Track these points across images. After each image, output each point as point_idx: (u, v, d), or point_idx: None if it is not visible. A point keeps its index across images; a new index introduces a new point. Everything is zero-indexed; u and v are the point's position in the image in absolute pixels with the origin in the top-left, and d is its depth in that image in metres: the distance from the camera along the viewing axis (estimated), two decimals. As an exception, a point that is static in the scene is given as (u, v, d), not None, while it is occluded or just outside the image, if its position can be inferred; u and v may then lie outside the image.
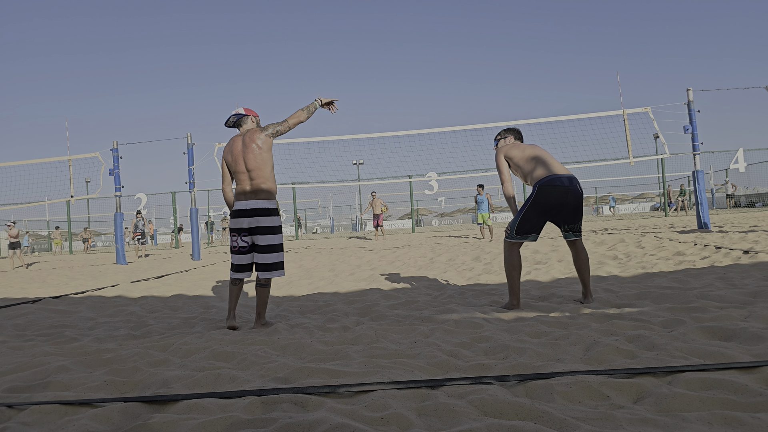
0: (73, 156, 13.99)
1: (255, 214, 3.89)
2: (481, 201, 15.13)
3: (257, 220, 3.89)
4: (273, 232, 3.94)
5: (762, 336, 2.64)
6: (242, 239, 3.96)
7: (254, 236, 3.93)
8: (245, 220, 3.91)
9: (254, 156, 3.93)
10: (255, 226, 3.90)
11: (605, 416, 1.82)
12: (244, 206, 3.91)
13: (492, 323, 3.57)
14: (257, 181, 3.93)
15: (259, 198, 3.91)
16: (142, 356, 3.09)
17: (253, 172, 3.94)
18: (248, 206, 3.90)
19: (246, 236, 3.95)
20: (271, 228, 3.93)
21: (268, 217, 3.92)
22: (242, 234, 3.95)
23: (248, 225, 3.91)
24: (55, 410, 2.16)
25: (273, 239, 3.93)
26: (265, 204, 3.92)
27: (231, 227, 3.99)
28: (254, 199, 3.91)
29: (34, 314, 5.32)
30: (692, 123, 12.06)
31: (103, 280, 8.97)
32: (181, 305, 5.54)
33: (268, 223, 3.92)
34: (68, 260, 19.21)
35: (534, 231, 4.04)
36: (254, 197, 3.92)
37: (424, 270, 7.54)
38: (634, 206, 47.28)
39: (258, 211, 3.89)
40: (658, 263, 6.38)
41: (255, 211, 3.89)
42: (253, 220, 3.89)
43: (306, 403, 2.09)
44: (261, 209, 3.90)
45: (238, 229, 3.95)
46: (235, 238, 3.97)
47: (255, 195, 3.92)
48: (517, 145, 4.27)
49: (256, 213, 3.89)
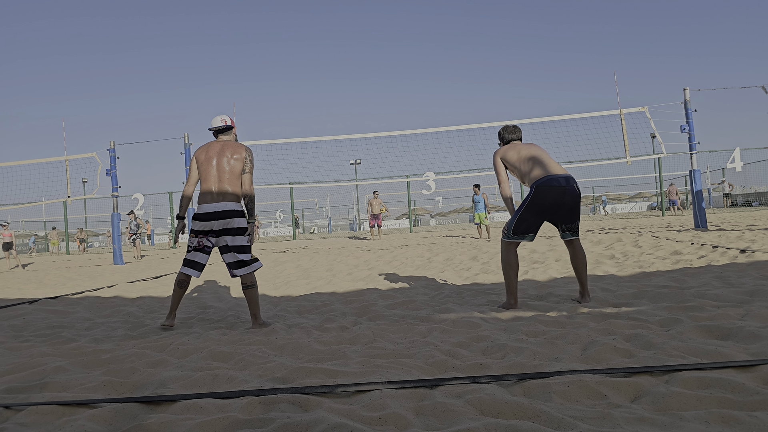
0: (70, 156, 13.96)
1: (226, 216, 3.91)
2: (478, 201, 15.15)
3: (228, 222, 3.92)
4: (243, 233, 3.98)
5: (759, 335, 2.65)
6: (208, 239, 3.99)
7: (225, 237, 3.95)
8: (215, 222, 3.92)
9: (230, 163, 4.01)
10: (226, 227, 3.93)
11: (603, 415, 1.82)
12: (213, 209, 3.91)
13: (489, 323, 3.57)
14: (225, 184, 3.98)
15: (227, 200, 3.95)
16: (140, 357, 3.08)
17: (223, 175, 3.99)
18: (217, 208, 3.91)
19: (213, 237, 3.98)
20: (242, 229, 3.97)
21: (239, 219, 3.95)
22: (209, 235, 3.98)
23: (219, 227, 3.93)
24: (52, 411, 2.16)
25: (243, 240, 3.98)
26: (235, 206, 3.95)
27: (198, 229, 3.97)
28: (223, 201, 3.94)
29: (31, 315, 5.31)
30: (689, 122, 12.09)
31: (101, 281, 8.96)
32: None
33: (240, 224, 3.96)
34: (65, 261, 19.17)
35: (531, 231, 4.05)
36: (223, 199, 3.95)
37: (421, 270, 7.54)
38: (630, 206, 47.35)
39: (228, 213, 3.92)
40: (656, 262, 6.39)
41: (225, 213, 3.91)
42: (224, 222, 3.92)
43: (304, 403, 2.09)
44: (231, 211, 3.92)
45: (207, 231, 3.96)
46: (202, 238, 3.99)
47: (223, 197, 3.95)
48: (514, 146, 4.28)
49: (226, 215, 3.91)
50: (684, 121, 12.16)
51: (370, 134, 13.53)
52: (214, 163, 4.02)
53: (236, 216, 3.94)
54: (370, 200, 18.18)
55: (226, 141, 4.14)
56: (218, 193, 3.96)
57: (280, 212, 38.61)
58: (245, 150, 4.06)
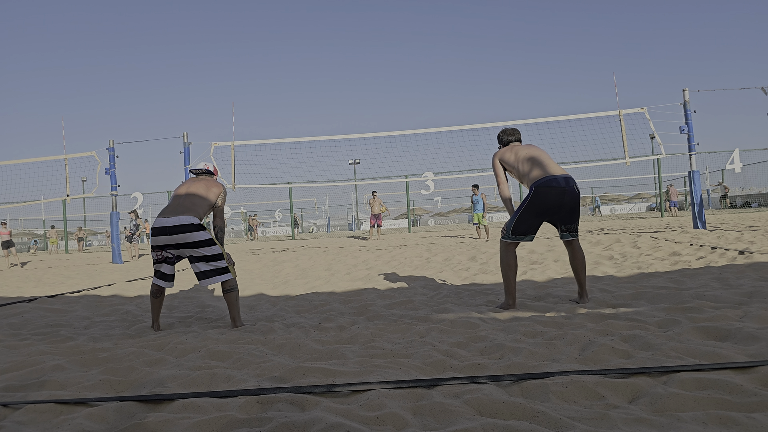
0: (69, 155, 13.96)
1: (177, 231, 3.85)
2: (476, 201, 15.15)
3: (183, 237, 3.85)
4: (203, 246, 3.90)
5: (757, 336, 2.65)
6: (167, 252, 3.98)
7: (183, 250, 3.93)
8: (163, 237, 3.88)
9: (201, 189, 4.14)
10: (182, 242, 3.87)
11: (600, 416, 1.83)
12: (164, 223, 3.88)
13: (488, 323, 3.57)
14: (188, 202, 4.01)
15: (181, 214, 3.91)
16: (138, 355, 3.08)
17: (190, 197, 4.06)
18: (168, 223, 3.86)
19: (172, 249, 3.96)
20: (200, 242, 3.89)
21: (195, 233, 3.87)
22: (167, 249, 3.96)
23: (172, 242, 3.88)
24: (50, 409, 2.16)
25: (207, 250, 3.91)
26: (189, 220, 3.88)
27: (153, 244, 3.96)
28: (176, 216, 3.90)
29: (29, 313, 5.31)
30: (688, 123, 12.10)
31: (99, 280, 8.95)
32: (176, 304, 5.53)
33: (197, 238, 3.87)
34: (64, 259, 19.16)
35: (530, 231, 4.05)
36: (176, 214, 3.92)
37: (420, 270, 7.54)
38: (630, 206, 47.35)
39: (181, 228, 3.85)
40: (654, 263, 6.39)
41: (177, 228, 3.85)
42: (176, 237, 3.85)
43: (302, 403, 2.09)
44: (185, 225, 3.86)
45: (163, 245, 3.94)
46: (159, 252, 3.98)
47: (178, 212, 3.93)
48: (512, 147, 4.30)
49: (178, 230, 3.85)
50: (683, 122, 12.17)
51: (369, 134, 13.53)
52: (185, 188, 4.16)
53: (191, 230, 3.86)
54: (370, 200, 18.21)
55: (206, 178, 4.33)
56: (175, 208, 3.96)
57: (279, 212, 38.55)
58: (222, 187, 4.28)
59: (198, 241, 3.87)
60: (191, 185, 4.19)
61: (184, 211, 3.93)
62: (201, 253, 3.90)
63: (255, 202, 32.48)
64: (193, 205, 4.01)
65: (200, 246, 3.88)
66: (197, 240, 3.87)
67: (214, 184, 4.25)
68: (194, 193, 4.11)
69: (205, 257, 3.91)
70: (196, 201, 4.05)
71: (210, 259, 3.92)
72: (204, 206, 4.07)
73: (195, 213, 3.95)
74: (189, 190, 4.13)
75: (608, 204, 50.00)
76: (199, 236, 3.88)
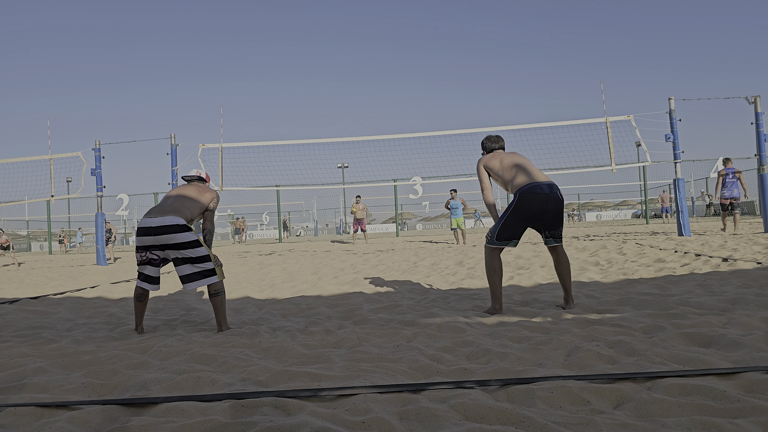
0: (54, 155, 13.80)
1: (163, 231, 3.80)
2: (455, 206, 15.17)
3: (168, 237, 3.80)
4: (189, 247, 3.85)
5: (740, 342, 2.68)
6: (152, 253, 3.94)
7: (169, 251, 3.89)
8: (148, 238, 3.84)
9: (193, 193, 4.13)
10: (166, 243, 3.82)
11: (586, 421, 1.83)
12: (149, 223, 3.83)
13: (474, 328, 3.58)
14: (176, 203, 3.98)
15: (167, 215, 3.86)
16: (122, 358, 3.05)
17: (180, 199, 4.04)
18: (153, 223, 3.82)
19: (157, 251, 3.92)
20: (185, 243, 3.83)
21: (180, 234, 3.82)
22: (152, 250, 3.92)
23: (157, 243, 3.84)
24: (31, 412, 2.12)
25: (193, 252, 3.86)
26: (175, 220, 3.83)
27: (138, 244, 3.92)
28: (162, 216, 3.85)
29: (11, 315, 5.23)
30: (674, 132, 12.23)
31: (83, 281, 8.85)
32: (161, 307, 5.48)
33: (182, 239, 3.82)
34: (47, 260, 18.93)
35: (515, 237, 4.08)
36: (162, 214, 3.87)
37: (407, 274, 7.54)
38: (615, 213, 47.75)
39: (166, 228, 3.80)
40: (639, 270, 6.44)
41: (161, 228, 3.80)
42: (161, 238, 3.80)
43: (287, 407, 2.07)
44: (170, 226, 3.80)
45: (147, 246, 3.90)
46: (143, 253, 3.95)
47: (164, 213, 3.88)
48: (496, 154, 4.37)
49: (164, 231, 3.80)
50: (669, 130, 12.29)
51: (358, 138, 13.52)
52: (176, 191, 4.16)
53: (176, 231, 3.80)
54: (353, 205, 18.26)
55: (198, 184, 4.33)
56: (162, 209, 3.93)
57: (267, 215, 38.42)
58: (215, 193, 4.27)
59: (183, 242, 3.82)
60: (183, 188, 4.18)
61: (170, 211, 3.89)
62: (186, 255, 3.85)
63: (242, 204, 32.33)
64: (182, 206, 3.97)
65: (185, 247, 3.83)
66: (182, 241, 3.82)
67: (207, 189, 4.26)
68: (184, 195, 4.08)
69: (190, 259, 3.86)
70: (186, 203, 4.02)
71: (195, 260, 3.87)
72: (194, 209, 4.04)
73: (182, 214, 3.91)
74: (180, 193, 4.12)
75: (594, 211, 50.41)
76: (184, 237, 3.82)
